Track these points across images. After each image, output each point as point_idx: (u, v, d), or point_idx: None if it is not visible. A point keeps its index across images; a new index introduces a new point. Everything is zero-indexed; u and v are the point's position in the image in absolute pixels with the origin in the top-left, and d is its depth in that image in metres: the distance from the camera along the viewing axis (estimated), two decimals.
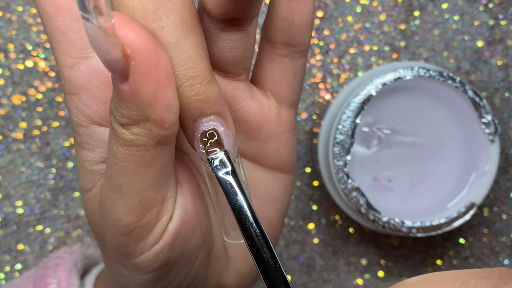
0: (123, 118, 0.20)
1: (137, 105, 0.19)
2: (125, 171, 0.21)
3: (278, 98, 0.25)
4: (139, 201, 0.21)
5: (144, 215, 0.22)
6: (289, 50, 0.25)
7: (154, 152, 0.21)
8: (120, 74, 0.19)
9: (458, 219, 0.36)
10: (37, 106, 0.39)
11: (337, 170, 0.34)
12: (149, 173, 0.21)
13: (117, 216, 0.22)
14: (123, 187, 0.21)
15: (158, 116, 0.20)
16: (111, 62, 0.18)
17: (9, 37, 0.39)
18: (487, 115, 0.35)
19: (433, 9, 0.39)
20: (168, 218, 0.22)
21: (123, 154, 0.20)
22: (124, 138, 0.20)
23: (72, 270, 0.30)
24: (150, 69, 0.19)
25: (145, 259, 0.22)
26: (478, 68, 0.40)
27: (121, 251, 0.23)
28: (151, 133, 0.20)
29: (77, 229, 0.39)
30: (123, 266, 0.23)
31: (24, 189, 0.39)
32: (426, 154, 0.36)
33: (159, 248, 0.22)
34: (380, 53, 0.40)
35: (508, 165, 0.40)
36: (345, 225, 0.40)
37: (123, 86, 0.19)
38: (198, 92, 0.20)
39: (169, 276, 0.24)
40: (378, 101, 0.35)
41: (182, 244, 0.23)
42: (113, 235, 0.22)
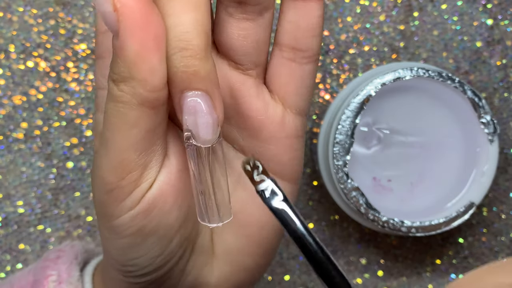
0: (114, 74, 0.21)
1: (124, 62, 0.20)
2: (111, 127, 0.22)
3: (284, 102, 0.25)
4: (120, 160, 0.22)
5: (123, 176, 0.22)
6: (296, 54, 0.25)
7: (137, 113, 0.21)
8: (113, 29, 0.20)
9: (457, 218, 0.36)
10: (38, 106, 0.39)
11: (336, 170, 0.35)
12: (131, 133, 0.22)
13: (101, 172, 0.23)
14: (108, 143, 0.22)
15: (142, 76, 0.21)
16: (104, 14, 0.20)
17: (10, 37, 0.39)
18: (486, 115, 0.35)
19: (432, 10, 0.40)
20: (148, 186, 0.23)
21: (111, 109, 0.22)
22: (113, 94, 0.21)
23: (72, 263, 0.30)
24: (137, 27, 0.20)
25: (122, 222, 0.23)
26: (477, 68, 0.40)
27: (103, 210, 0.23)
28: (135, 92, 0.21)
29: (78, 229, 0.39)
30: (105, 228, 0.24)
31: (25, 189, 0.39)
32: (426, 154, 0.36)
33: (134, 213, 0.23)
34: (379, 53, 0.40)
35: (507, 165, 0.40)
36: (344, 225, 0.40)
37: (115, 41, 0.20)
38: (187, 64, 0.21)
39: (143, 247, 0.24)
40: (378, 101, 0.35)
41: (158, 216, 0.23)
42: (98, 192, 0.23)
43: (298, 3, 0.24)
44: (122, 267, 0.25)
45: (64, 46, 0.39)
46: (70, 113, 0.39)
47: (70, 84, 0.39)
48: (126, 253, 0.24)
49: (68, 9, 0.39)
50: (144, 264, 0.24)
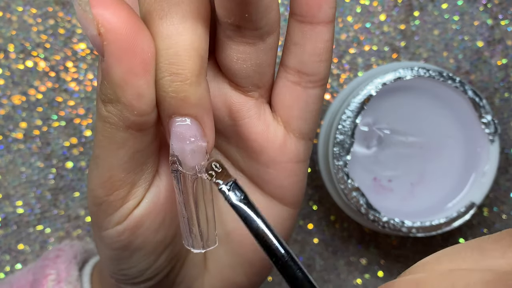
0: (102, 95, 0.20)
1: (110, 85, 0.20)
2: (100, 145, 0.22)
3: (286, 125, 0.24)
4: (109, 177, 0.22)
5: (111, 192, 0.22)
6: (301, 78, 0.23)
7: (125, 135, 0.21)
8: (99, 51, 0.20)
9: (458, 219, 0.36)
10: (37, 106, 0.39)
11: (337, 170, 0.34)
12: (119, 153, 0.21)
13: (91, 185, 0.23)
14: (98, 159, 0.22)
15: (128, 100, 0.20)
16: (90, 37, 0.19)
17: (9, 37, 0.39)
18: (487, 115, 0.35)
19: (433, 9, 0.39)
20: (135, 204, 0.23)
21: (100, 128, 0.21)
22: (101, 113, 0.21)
23: (71, 262, 0.30)
24: (123, 52, 0.19)
25: (109, 235, 0.23)
26: (478, 68, 0.40)
27: (94, 220, 0.23)
28: (121, 115, 0.20)
29: (77, 229, 0.39)
30: (97, 236, 0.24)
31: (24, 189, 0.39)
32: (426, 154, 0.36)
33: (121, 229, 0.23)
34: (380, 53, 0.40)
35: (508, 165, 0.40)
36: (345, 225, 0.40)
37: (102, 63, 0.20)
38: (176, 90, 0.20)
39: (130, 261, 0.24)
40: (378, 101, 0.35)
41: (145, 234, 0.23)
42: (89, 203, 0.23)
43: (305, 26, 0.22)
44: (113, 274, 0.25)
45: (63, 46, 0.39)
46: (70, 113, 0.39)
47: (69, 84, 0.39)
48: (115, 264, 0.24)
49: (68, 8, 0.39)
50: (133, 275, 0.24)
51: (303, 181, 0.26)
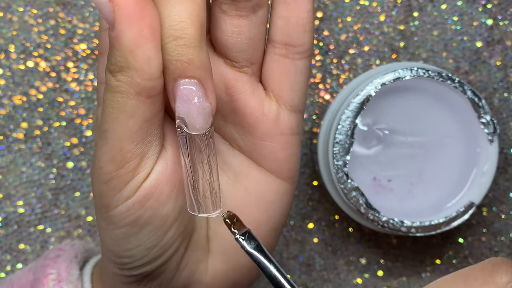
0: (111, 65, 0.22)
1: (121, 51, 0.21)
2: (109, 118, 0.22)
3: (278, 99, 0.26)
4: (119, 150, 0.22)
5: (122, 165, 0.23)
6: (288, 50, 0.25)
7: (135, 102, 0.22)
8: (108, 19, 0.21)
9: (457, 218, 0.36)
10: (38, 106, 0.39)
11: (336, 170, 0.35)
12: (129, 123, 0.22)
13: (100, 163, 0.23)
14: (107, 134, 0.22)
15: (139, 65, 0.21)
16: (100, 5, 0.21)
17: (10, 37, 0.39)
18: (486, 115, 0.35)
19: (432, 10, 0.40)
20: (144, 176, 0.23)
21: (109, 100, 0.22)
22: (110, 84, 0.22)
23: (72, 261, 0.31)
24: (133, 16, 0.21)
25: (118, 212, 0.23)
26: (477, 69, 0.40)
27: (101, 201, 0.24)
28: (132, 81, 0.21)
29: (78, 228, 0.39)
30: (102, 218, 0.24)
31: (25, 189, 0.39)
32: (426, 154, 0.37)
33: (131, 203, 0.23)
34: (379, 53, 0.40)
35: (507, 165, 0.40)
36: (344, 225, 0.40)
37: (111, 32, 0.21)
38: (181, 53, 0.22)
39: (138, 237, 0.24)
40: (378, 101, 0.35)
41: (154, 207, 0.24)
42: (97, 183, 0.24)
43: None
44: (117, 259, 0.25)
45: (64, 46, 0.39)
46: (70, 113, 0.39)
47: (70, 84, 0.39)
48: (122, 244, 0.24)
49: (68, 9, 0.39)
50: (139, 255, 0.25)
51: (297, 154, 0.27)
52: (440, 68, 0.38)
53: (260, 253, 0.23)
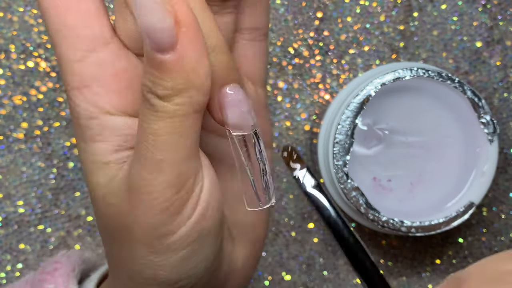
0: (165, 91, 0.21)
1: (182, 73, 0.20)
2: (165, 146, 0.21)
3: (252, 80, 0.27)
4: (178, 174, 0.22)
5: (181, 188, 0.22)
6: (255, 33, 0.27)
7: (192, 121, 0.21)
8: (167, 44, 0.20)
9: (457, 218, 0.36)
10: (38, 106, 0.39)
11: (336, 170, 0.35)
12: (187, 143, 0.22)
13: (155, 195, 0.22)
14: (163, 163, 0.21)
15: (201, 81, 0.21)
16: (162, 31, 0.19)
17: (10, 37, 0.39)
18: (486, 115, 0.35)
19: (432, 10, 0.40)
20: (200, 189, 0.23)
21: (164, 128, 0.21)
22: (167, 111, 0.21)
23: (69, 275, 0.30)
24: (196, 35, 0.20)
25: (182, 234, 0.23)
26: (477, 69, 0.40)
27: (156, 233, 0.23)
28: (191, 101, 0.21)
29: (78, 228, 0.39)
30: (154, 252, 0.23)
31: (25, 189, 0.39)
32: (426, 154, 0.37)
33: (194, 220, 0.23)
34: (379, 53, 0.40)
35: (507, 165, 0.40)
36: None
37: (168, 56, 0.20)
38: (222, 60, 0.22)
39: (201, 252, 0.24)
40: (378, 101, 0.35)
41: (212, 215, 0.23)
42: (148, 218, 0.22)
43: None
44: (173, 284, 0.24)
45: None
46: None
47: None
48: (182, 266, 0.24)
49: None
50: (199, 273, 0.24)
51: (270, 124, 0.29)
52: (440, 68, 0.38)
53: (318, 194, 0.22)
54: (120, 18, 0.23)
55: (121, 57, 0.23)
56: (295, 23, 0.39)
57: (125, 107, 0.23)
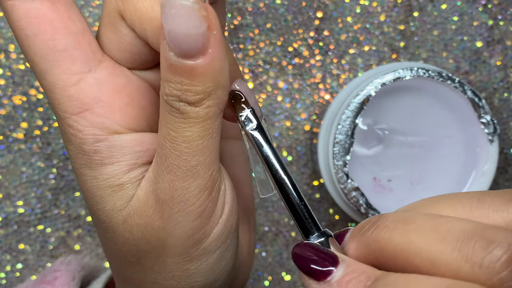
0: (197, 96, 0.20)
1: (213, 75, 0.20)
2: (199, 150, 0.21)
3: None
4: (210, 175, 0.22)
5: (213, 189, 0.22)
6: None
7: (219, 120, 0.22)
8: (199, 49, 0.19)
9: None
10: (38, 106, 0.39)
11: (336, 170, 0.35)
12: (216, 143, 0.22)
13: (191, 201, 0.22)
14: (198, 167, 0.21)
15: (226, 80, 0.21)
16: (195, 37, 0.19)
17: (10, 37, 0.39)
18: (486, 115, 0.35)
19: (432, 10, 0.40)
20: (225, 186, 0.23)
21: (198, 132, 0.21)
22: (199, 116, 0.21)
23: (70, 285, 0.30)
24: (222, 36, 0.20)
25: (216, 235, 0.23)
26: (477, 68, 0.40)
27: (192, 240, 0.23)
28: (219, 101, 0.21)
29: (78, 228, 0.39)
30: (190, 260, 0.23)
31: (25, 189, 0.39)
32: (426, 154, 0.37)
33: (225, 217, 0.23)
34: (379, 53, 0.40)
35: (507, 165, 0.40)
36: (344, 225, 0.40)
37: (200, 61, 0.20)
38: (230, 57, 0.22)
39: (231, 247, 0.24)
40: (378, 101, 0.35)
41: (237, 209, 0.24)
42: (184, 226, 0.22)
43: None
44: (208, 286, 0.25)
45: None
46: None
47: None
48: (218, 266, 0.24)
49: None
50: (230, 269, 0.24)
51: None
52: (440, 68, 0.38)
53: (260, 133, 0.23)
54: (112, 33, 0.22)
55: (117, 73, 0.23)
56: (295, 23, 0.39)
57: (131, 124, 0.23)
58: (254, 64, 0.39)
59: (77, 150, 0.22)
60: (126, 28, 0.22)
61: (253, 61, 0.39)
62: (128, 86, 0.23)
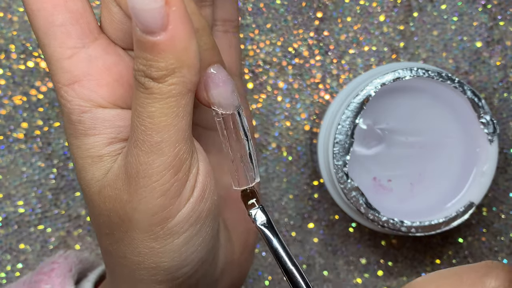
0: (160, 71, 0.21)
1: (175, 52, 0.21)
2: (162, 127, 0.22)
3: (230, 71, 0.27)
4: (176, 154, 0.22)
5: (180, 169, 0.22)
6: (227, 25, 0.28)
7: (186, 100, 0.22)
8: (159, 25, 0.20)
9: (457, 218, 0.36)
10: (38, 106, 0.39)
11: (336, 170, 0.35)
12: (183, 123, 0.22)
13: (154, 177, 0.22)
14: (161, 144, 0.22)
15: (192, 60, 0.21)
16: (153, 11, 0.20)
17: (10, 37, 0.39)
18: (486, 115, 0.35)
19: (432, 10, 0.40)
20: (197, 171, 0.23)
21: (161, 109, 0.21)
22: (162, 91, 0.21)
23: (66, 276, 0.30)
24: (185, 14, 0.21)
25: (182, 216, 0.23)
26: (477, 69, 0.40)
27: (157, 218, 0.23)
28: (185, 80, 0.21)
29: (78, 228, 0.39)
30: (155, 238, 0.23)
31: (25, 189, 0.39)
32: (425, 154, 0.37)
33: (193, 201, 0.23)
34: (379, 53, 0.40)
35: (506, 165, 0.40)
36: (344, 225, 0.40)
37: (160, 37, 0.20)
38: (207, 42, 0.22)
39: (200, 234, 0.24)
40: (378, 101, 0.35)
41: (210, 196, 0.24)
42: (148, 203, 0.23)
43: None
44: (175, 273, 0.25)
45: None
46: None
47: None
48: (185, 250, 0.24)
49: None
50: (197, 258, 0.25)
51: (249, 113, 0.30)
52: (440, 68, 0.38)
53: (269, 230, 0.24)
54: (106, 12, 0.23)
55: (110, 51, 0.24)
56: (295, 23, 0.39)
57: (117, 100, 0.24)
58: (254, 64, 0.39)
59: (66, 120, 0.24)
60: (115, 6, 0.23)
61: (253, 61, 0.39)
62: (119, 64, 0.24)
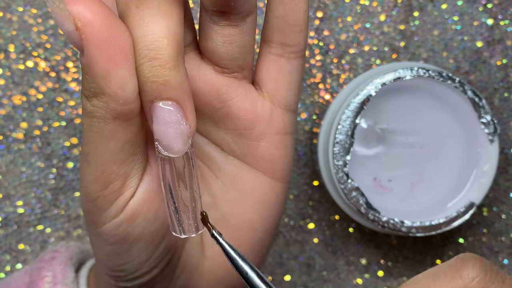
0: (85, 90, 0.21)
1: (93, 78, 0.20)
2: (89, 141, 0.22)
3: (273, 98, 0.26)
4: (102, 171, 0.22)
5: (106, 186, 0.22)
6: (284, 49, 0.25)
7: (113, 126, 0.21)
8: (78, 47, 0.20)
9: (458, 219, 0.36)
10: (37, 106, 0.39)
11: (337, 170, 0.35)
12: (110, 146, 0.22)
13: (84, 183, 0.23)
14: (89, 156, 0.22)
15: (112, 90, 0.20)
16: (67, 34, 0.20)
17: (9, 37, 0.39)
18: (487, 115, 0.35)
19: (432, 10, 0.40)
20: (130, 195, 0.23)
21: (87, 124, 0.22)
22: (86, 109, 0.21)
23: (67, 263, 0.30)
24: (102, 43, 0.20)
25: (106, 230, 0.23)
26: (477, 68, 0.40)
27: (89, 218, 0.24)
28: (108, 106, 0.21)
29: (78, 229, 0.39)
30: (92, 234, 0.24)
31: (25, 189, 0.39)
32: (426, 154, 0.36)
33: (118, 221, 0.23)
34: (379, 53, 0.40)
35: (507, 165, 0.40)
36: (345, 225, 0.40)
37: (82, 58, 0.20)
38: (157, 74, 0.21)
39: (129, 254, 0.24)
40: (378, 101, 0.35)
41: (143, 224, 0.24)
42: (83, 201, 0.23)
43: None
44: (111, 272, 0.25)
45: (63, 46, 0.39)
46: (70, 113, 0.39)
47: (69, 84, 0.39)
48: (114, 259, 0.24)
49: None
50: (132, 269, 0.25)
51: (291, 154, 0.27)
52: (441, 68, 0.38)
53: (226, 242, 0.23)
54: None
55: None
56: None
57: None
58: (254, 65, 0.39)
59: None
60: None
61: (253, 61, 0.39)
62: None
